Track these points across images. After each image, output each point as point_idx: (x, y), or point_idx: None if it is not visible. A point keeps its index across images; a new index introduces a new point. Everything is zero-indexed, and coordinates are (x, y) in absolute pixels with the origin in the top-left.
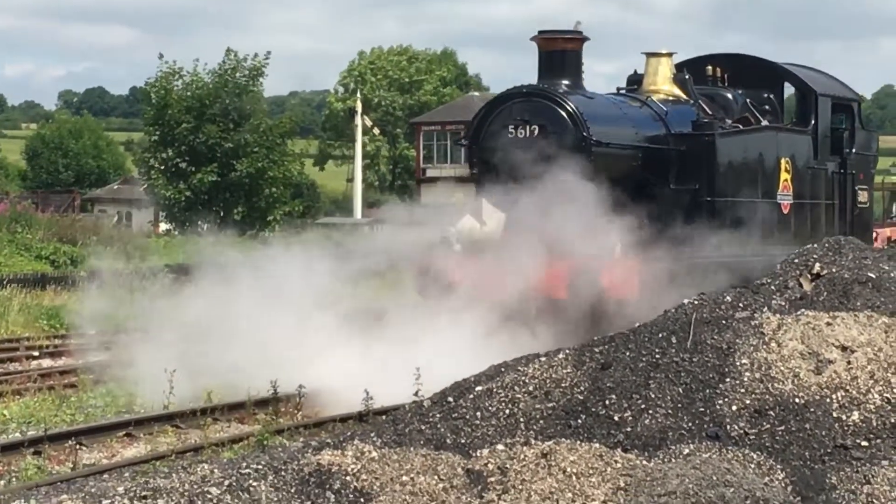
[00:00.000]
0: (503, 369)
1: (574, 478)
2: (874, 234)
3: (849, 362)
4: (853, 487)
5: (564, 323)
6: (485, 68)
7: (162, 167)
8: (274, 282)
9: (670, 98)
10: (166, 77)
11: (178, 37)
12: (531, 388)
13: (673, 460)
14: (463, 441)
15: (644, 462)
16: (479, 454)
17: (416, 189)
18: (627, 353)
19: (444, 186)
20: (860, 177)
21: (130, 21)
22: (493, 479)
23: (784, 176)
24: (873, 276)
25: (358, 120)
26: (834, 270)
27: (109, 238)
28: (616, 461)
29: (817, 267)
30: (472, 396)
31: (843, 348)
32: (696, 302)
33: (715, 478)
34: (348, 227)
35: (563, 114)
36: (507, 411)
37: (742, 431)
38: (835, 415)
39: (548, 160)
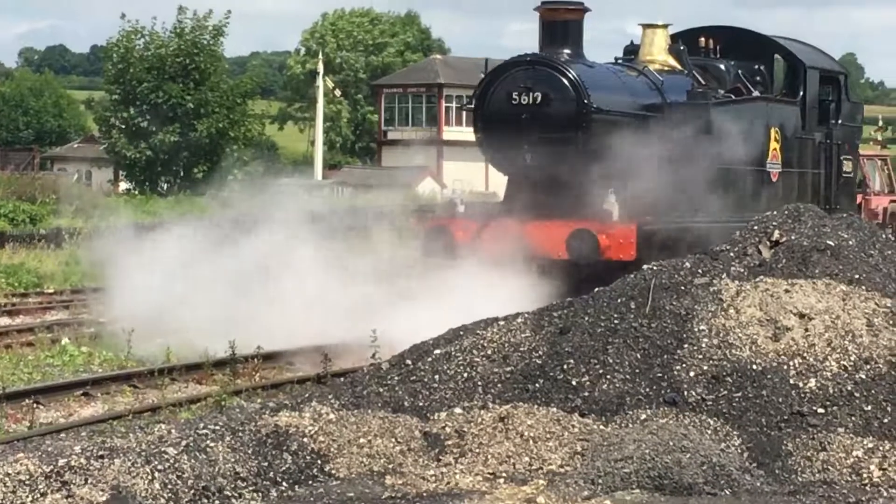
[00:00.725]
0: (461, 333)
1: (531, 442)
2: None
3: (806, 330)
4: (809, 454)
5: (565, 282)
6: (448, 32)
7: (123, 126)
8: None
9: (665, 68)
10: (128, 36)
11: None
12: (489, 352)
13: (630, 425)
14: (421, 404)
15: (601, 427)
16: (436, 417)
17: (377, 151)
18: (586, 318)
19: (406, 149)
20: (846, 147)
21: None
22: (450, 442)
23: (773, 145)
24: (832, 244)
25: (319, 81)
26: (793, 238)
27: (69, 196)
28: (573, 426)
29: (776, 234)
30: (430, 359)
31: (801, 316)
32: (654, 268)
33: (672, 443)
34: (309, 188)
35: (565, 81)
36: (466, 375)
37: (699, 397)
38: (792, 382)
39: (550, 126)
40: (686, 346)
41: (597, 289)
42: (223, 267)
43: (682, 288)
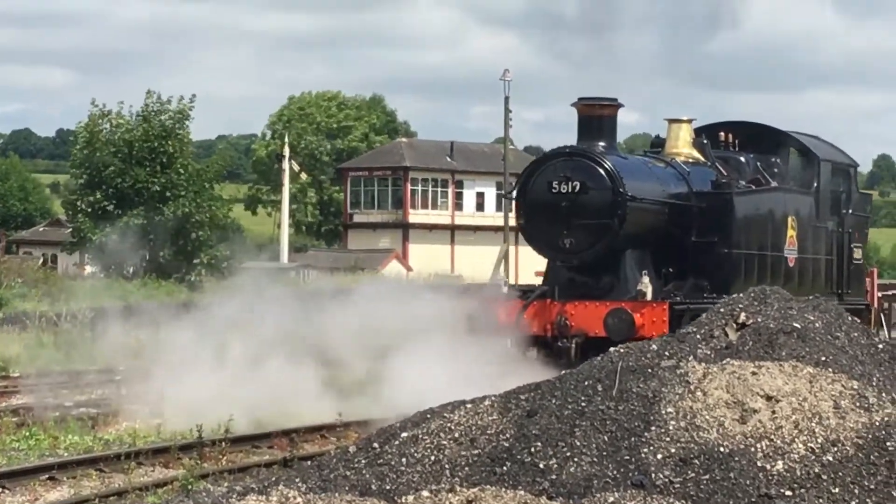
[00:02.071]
0: (429, 416)
1: None
2: None
3: (773, 412)
4: None
5: None
6: (414, 115)
7: (89, 209)
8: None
9: (690, 160)
10: (94, 120)
11: (110, 78)
12: (457, 435)
13: None
14: (388, 487)
15: None
16: (404, 501)
17: (343, 234)
18: (553, 401)
19: (372, 231)
20: (856, 235)
21: (62, 62)
22: None
23: (790, 232)
24: (798, 327)
25: (285, 165)
26: (759, 320)
27: (34, 280)
28: None
29: (743, 316)
30: (397, 442)
31: (768, 398)
32: (621, 350)
33: None
34: (275, 272)
35: (602, 171)
36: (433, 458)
37: (667, 480)
38: (759, 464)
39: (588, 213)
40: (653, 428)
41: (563, 371)
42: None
43: (650, 370)
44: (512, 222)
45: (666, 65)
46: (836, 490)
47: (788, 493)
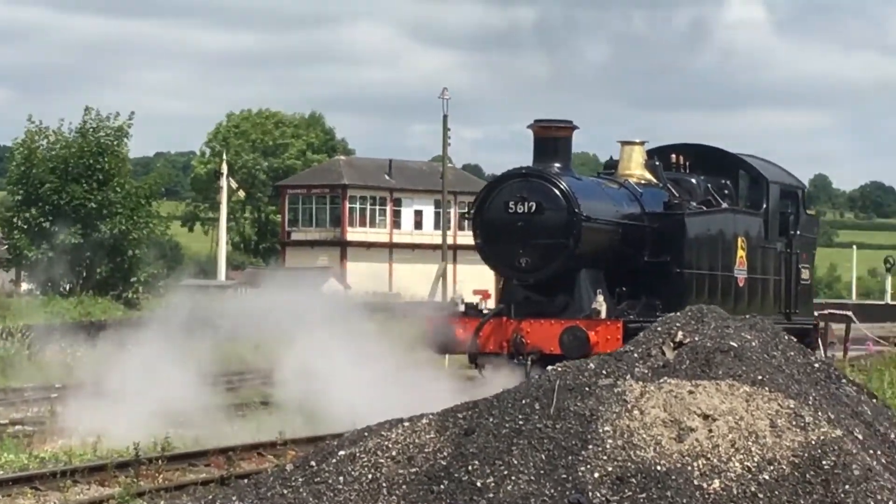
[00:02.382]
0: (366, 434)
1: None
2: None
3: (710, 431)
4: None
5: None
6: (353, 133)
7: (25, 226)
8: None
9: (643, 181)
10: (31, 136)
11: (48, 95)
12: (394, 453)
13: None
14: None
15: None
16: None
17: (281, 252)
18: (491, 419)
19: (310, 249)
20: (803, 256)
21: None
22: None
23: (740, 253)
24: (735, 345)
25: (223, 182)
26: (696, 339)
27: None
28: None
29: (680, 335)
30: (334, 461)
31: (705, 416)
32: (559, 369)
33: None
34: (212, 290)
35: (557, 192)
36: (370, 476)
37: (604, 499)
38: (696, 483)
39: (543, 232)
40: (591, 447)
41: (502, 389)
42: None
43: (587, 389)
44: (449, 240)
45: (606, 84)
46: None
47: None
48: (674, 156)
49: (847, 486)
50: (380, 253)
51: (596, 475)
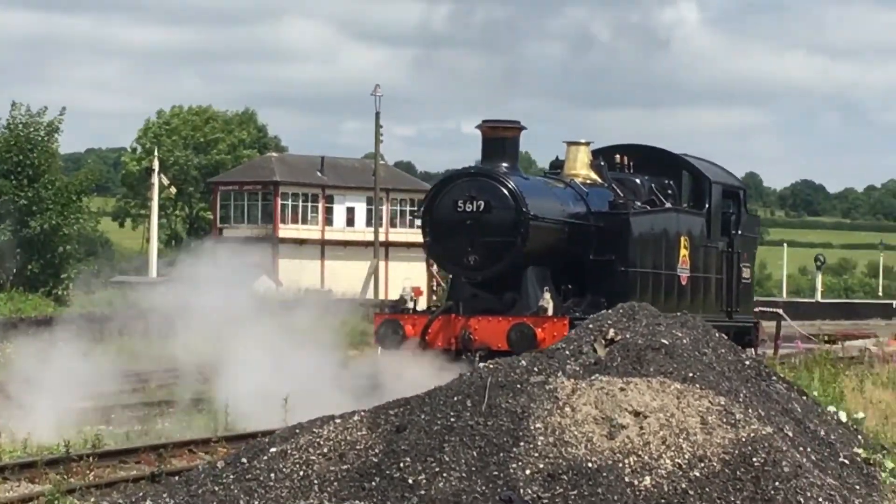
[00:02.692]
0: (298, 430)
1: None
2: None
3: (641, 428)
4: None
5: None
6: (285, 130)
7: None
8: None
9: (588, 181)
10: None
11: None
12: (326, 450)
13: None
14: (256, 503)
15: None
16: None
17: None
18: (422, 416)
19: (242, 246)
20: (744, 256)
21: None
22: None
23: (683, 252)
24: (666, 343)
25: (154, 179)
26: (628, 336)
27: None
28: None
29: (611, 332)
30: (266, 458)
31: (636, 414)
32: (491, 366)
33: None
34: (143, 286)
35: (505, 191)
36: (302, 473)
37: (535, 496)
38: (627, 480)
39: (491, 231)
40: (522, 444)
41: (434, 386)
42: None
43: (519, 386)
44: (382, 238)
45: (543, 82)
46: None
47: None
48: (618, 156)
49: (777, 483)
50: (312, 250)
51: (527, 472)
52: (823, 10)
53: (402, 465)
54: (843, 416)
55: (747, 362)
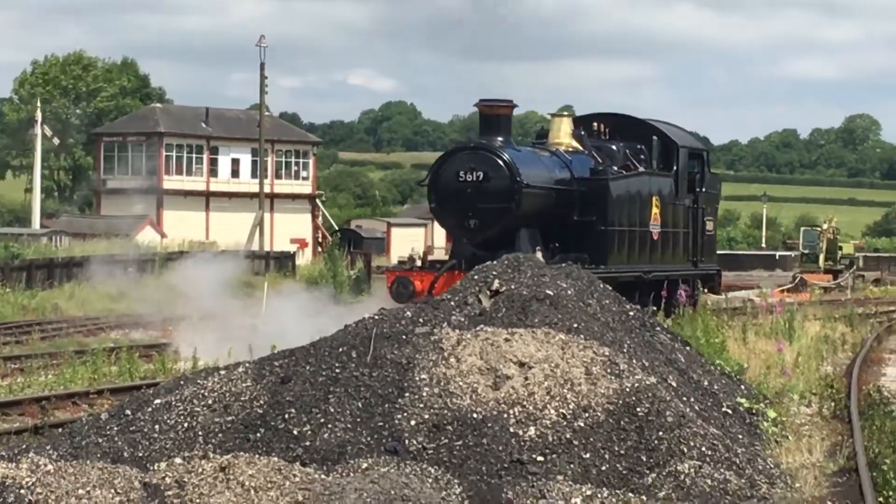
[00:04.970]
0: (182, 382)
1: (252, 492)
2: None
3: (526, 378)
4: (528, 502)
5: None
6: (170, 81)
7: None
8: None
9: (571, 149)
10: None
11: None
12: (210, 402)
13: (351, 474)
14: (141, 454)
15: (322, 476)
16: (156, 468)
17: (96, 200)
18: (308, 367)
19: (126, 198)
20: (708, 210)
21: None
22: (170, 492)
23: (654, 210)
24: (551, 294)
25: (37, 129)
26: (513, 287)
27: None
28: (294, 475)
29: (496, 284)
30: (150, 409)
31: (521, 364)
32: (376, 317)
33: (393, 492)
34: (26, 238)
35: (501, 162)
36: (186, 424)
37: (420, 446)
38: (512, 430)
39: (489, 198)
40: (407, 395)
41: (319, 337)
42: None
43: (404, 337)
44: (267, 189)
45: (426, 34)
46: (587, 455)
47: (540, 458)
48: (595, 124)
49: (661, 433)
50: (196, 201)
51: (412, 423)
52: None
53: (286, 416)
54: (724, 366)
55: (632, 313)
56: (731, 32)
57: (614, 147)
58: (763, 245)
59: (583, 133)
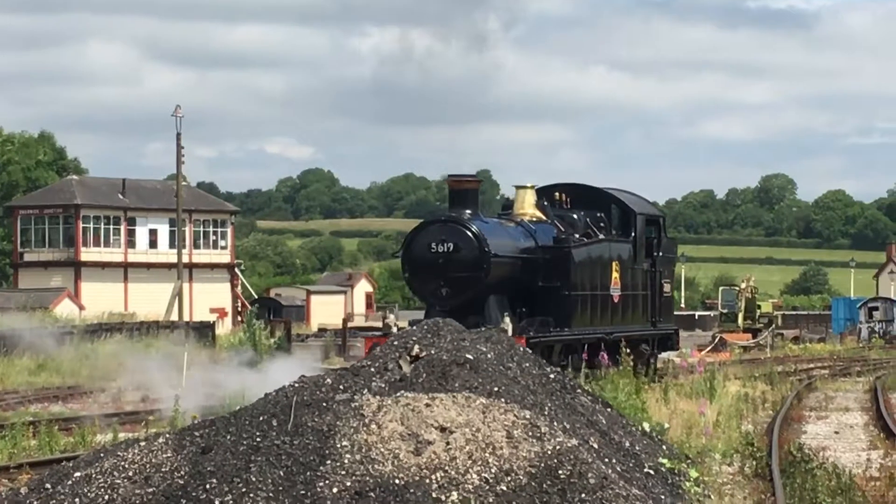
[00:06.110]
0: (102, 454)
1: None
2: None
3: (447, 443)
4: None
5: None
6: (86, 153)
7: None
8: None
9: (535, 219)
10: None
11: None
12: (131, 474)
13: None
14: None
15: None
16: None
17: (14, 274)
18: (228, 437)
19: (44, 270)
20: (665, 273)
21: None
22: None
23: (615, 275)
24: (471, 358)
25: None
26: (433, 352)
27: None
28: None
29: (416, 349)
30: (70, 482)
31: (442, 429)
32: (296, 384)
33: None
34: None
35: (470, 234)
36: (107, 497)
37: None
38: (434, 495)
39: (459, 267)
40: (329, 462)
41: (238, 407)
42: None
43: (325, 404)
44: (185, 259)
45: (337, 102)
46: None
47: None
48: (557, 194)
49: (583, 495)
50: (115, 273)
51: (335, 490)
52: (626, 27)
53: (207, 486)
54: (646, 427)
55: (552, 375)
56: (645, 95)
57: (575, 216)
58: (682, 305)
59: (545, 203)
